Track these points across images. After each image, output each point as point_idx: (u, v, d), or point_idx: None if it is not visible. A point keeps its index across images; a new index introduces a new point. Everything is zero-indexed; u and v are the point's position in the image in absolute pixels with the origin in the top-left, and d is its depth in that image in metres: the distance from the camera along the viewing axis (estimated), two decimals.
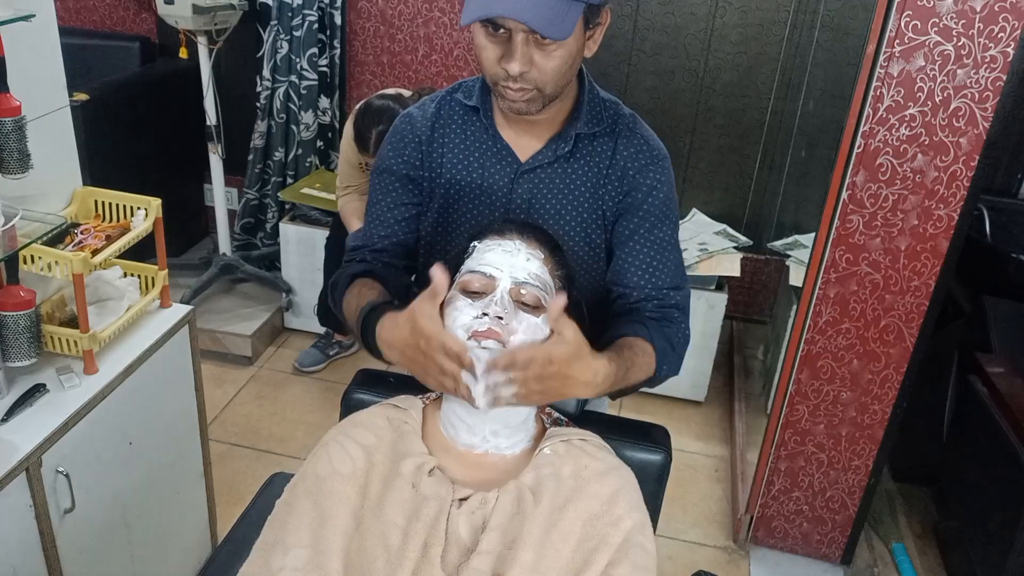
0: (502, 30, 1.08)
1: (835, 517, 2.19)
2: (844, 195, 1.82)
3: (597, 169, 1.24)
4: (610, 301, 1.28)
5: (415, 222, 1.32)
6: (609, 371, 1.04)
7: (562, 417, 1.22)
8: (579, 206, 1.25)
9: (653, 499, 1.24)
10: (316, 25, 2.92)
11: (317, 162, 3.17)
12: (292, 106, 3.02)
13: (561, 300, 0.98)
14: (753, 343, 3.25)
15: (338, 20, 2.99)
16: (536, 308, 1.07)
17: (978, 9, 1.61)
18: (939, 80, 1.68)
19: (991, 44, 1.63)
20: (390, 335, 1.08)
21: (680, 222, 1.51)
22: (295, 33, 2.91)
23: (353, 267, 1.30)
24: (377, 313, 1.13)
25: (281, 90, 2.98)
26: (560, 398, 1.02)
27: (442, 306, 1.07)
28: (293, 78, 2.97)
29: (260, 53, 2.99)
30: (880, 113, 1.73)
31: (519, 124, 1.24)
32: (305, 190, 3.01)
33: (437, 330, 1.00)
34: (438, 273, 1.02)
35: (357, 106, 2.54)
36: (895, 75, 1.69)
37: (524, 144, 1.25)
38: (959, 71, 1.66)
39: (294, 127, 3.05)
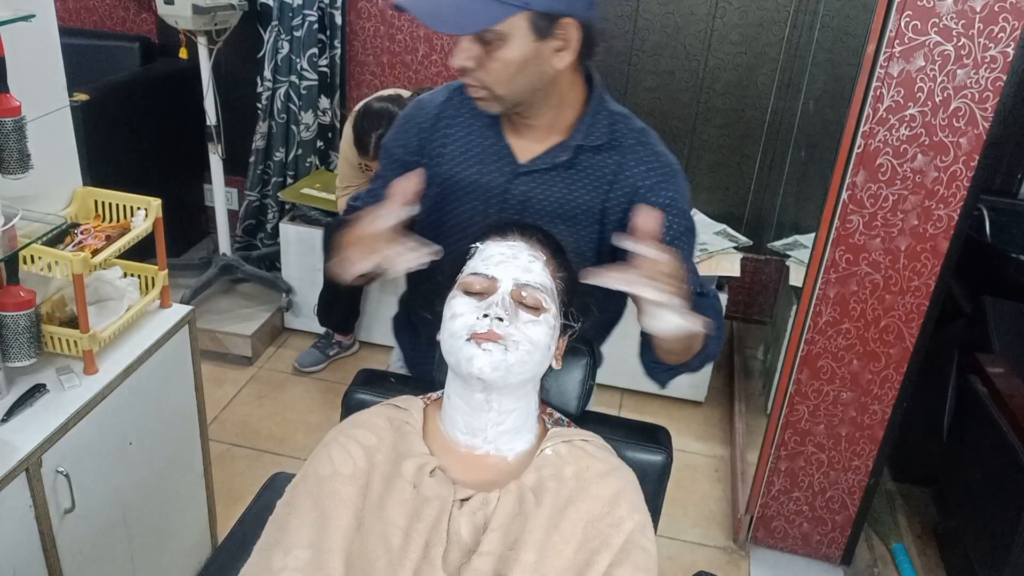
0: None
1: (835, 517, 2.19)
2: (844, 195, 1.82)
3: (599, 183, 1.24)
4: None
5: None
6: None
7: (563, 418, 1.22)
8: (575, 215, 1.25)
9: (654, 499, 1.24)
10: (316, 25, 2.91)
11: (317, 162, 3.17)
12: (292, 106, 3.02)
13: (655, 216, 1.02)
14: (753, 343, 3.25)
15: (338, 20, 2.99)
16: (537, 310, 1.07)
17: (978, 9, 1.61)
18: (939, 80, 1.68)
19: (991, 44, 1.63)
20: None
21: None
22: (295, 33, 2.90)
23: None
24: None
25: (281, 90, 2.98)
26: (680, 291, 1.02)
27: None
28: (293, 78, 2.97)
29: (261, 53, 2.99)
30: (880, 113, 1.73)
31: (522, 126, 1.24)
32: (305, 190, 3.01)
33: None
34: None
35: (356, 108, 2.54)
36: (895, 75, 1.69)
37: (525, 146, 1.25)
38: (959, 71, 1.66)
39: (294, 127, 3.05)
